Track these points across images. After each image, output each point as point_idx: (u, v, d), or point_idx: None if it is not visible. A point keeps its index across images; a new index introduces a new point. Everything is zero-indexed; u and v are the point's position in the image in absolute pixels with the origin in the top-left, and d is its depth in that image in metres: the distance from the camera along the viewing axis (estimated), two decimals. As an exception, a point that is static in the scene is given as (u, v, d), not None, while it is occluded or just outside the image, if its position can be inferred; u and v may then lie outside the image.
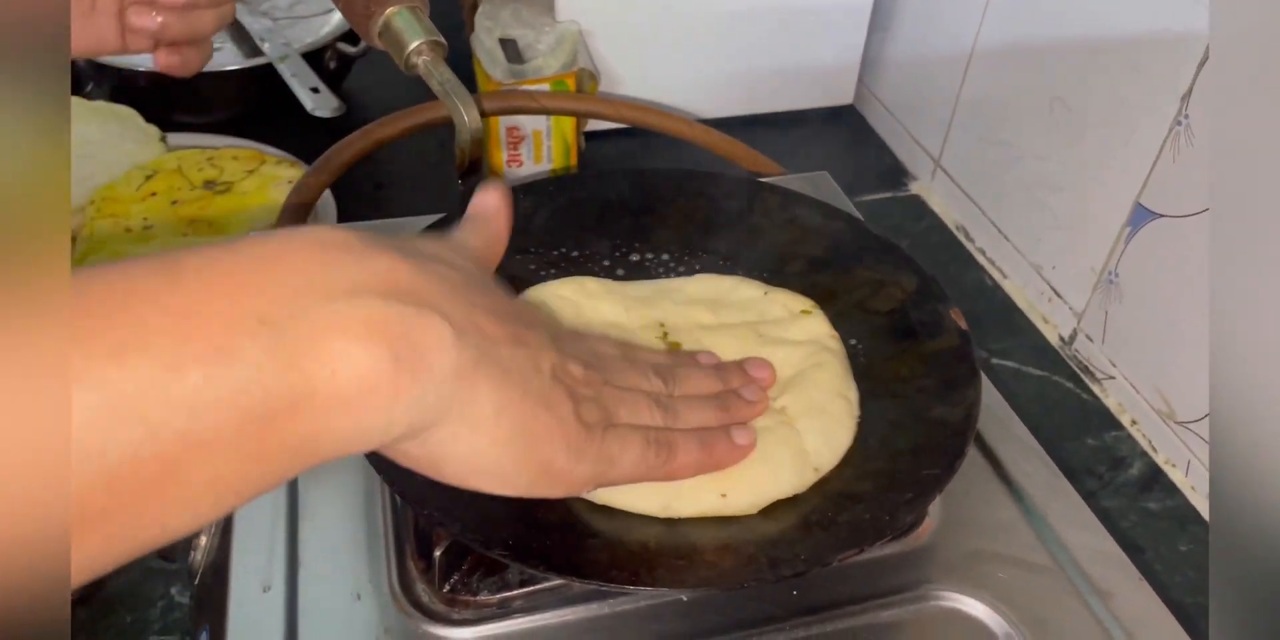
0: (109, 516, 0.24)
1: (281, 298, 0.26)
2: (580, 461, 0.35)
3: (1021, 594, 0.45)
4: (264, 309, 0.26)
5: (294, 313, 0.26)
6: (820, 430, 0.47)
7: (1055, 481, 0.50)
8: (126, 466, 0.23)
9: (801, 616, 0.44)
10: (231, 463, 0.26)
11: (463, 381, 0.30)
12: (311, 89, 0.80)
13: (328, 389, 0.26)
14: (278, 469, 0.27)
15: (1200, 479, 0.66)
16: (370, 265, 0.29)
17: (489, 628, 0.42)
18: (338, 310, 0.27)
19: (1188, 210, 0.63)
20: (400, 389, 0.28)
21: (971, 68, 0.83)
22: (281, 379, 0.26)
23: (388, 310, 0.28)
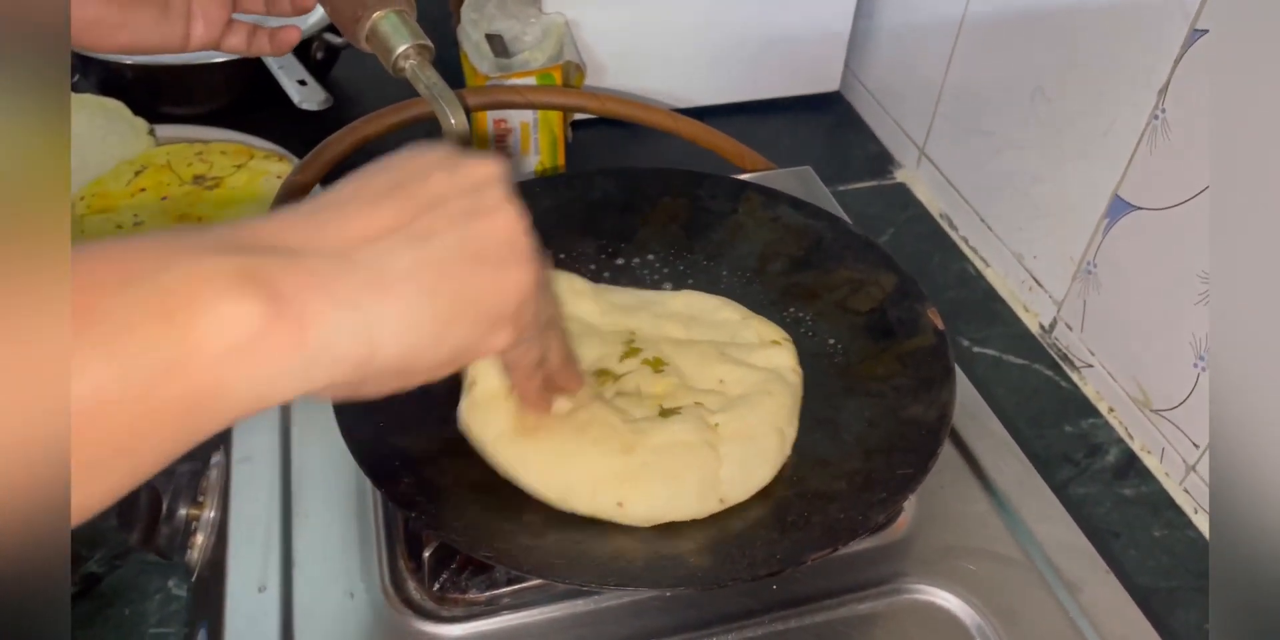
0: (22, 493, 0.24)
1: (148, 260, 0.27)
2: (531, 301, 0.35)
3: (992, 586, 0.47)
4: (128, 272, 0.26)
5: (159, 271, 0.26)
6: (742, 461, 0.46)
7: (1027, 476, 0.52)
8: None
9: (780, 610, 0.45)
10: (127, 424, 0.26)
11: (373, 292, 0.30)
12: (299, 81, 0.80)
13: (214, 340, 0.26)
14: (180, 431, 0.27)
15: (1174, 465, 0.67)
16: (241, 229, 0.29)
17: (478, 624, 0.44)
18: (205, 263, 0.27)
19: (1164, 203, 0.64)
20: (298, 330, 0.28)
21: (955, 56, 0.84)
22: (155, 334, 0.25)
23: (256, 260, 0.28)
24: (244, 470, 0.49)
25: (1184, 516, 0.66)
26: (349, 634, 0.43)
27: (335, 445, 0.44)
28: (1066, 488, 0.68)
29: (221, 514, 0.48)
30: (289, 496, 0.48)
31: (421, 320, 0.31)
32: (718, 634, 0.44)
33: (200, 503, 0.48)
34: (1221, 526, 0.31)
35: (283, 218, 0.31)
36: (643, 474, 0.44)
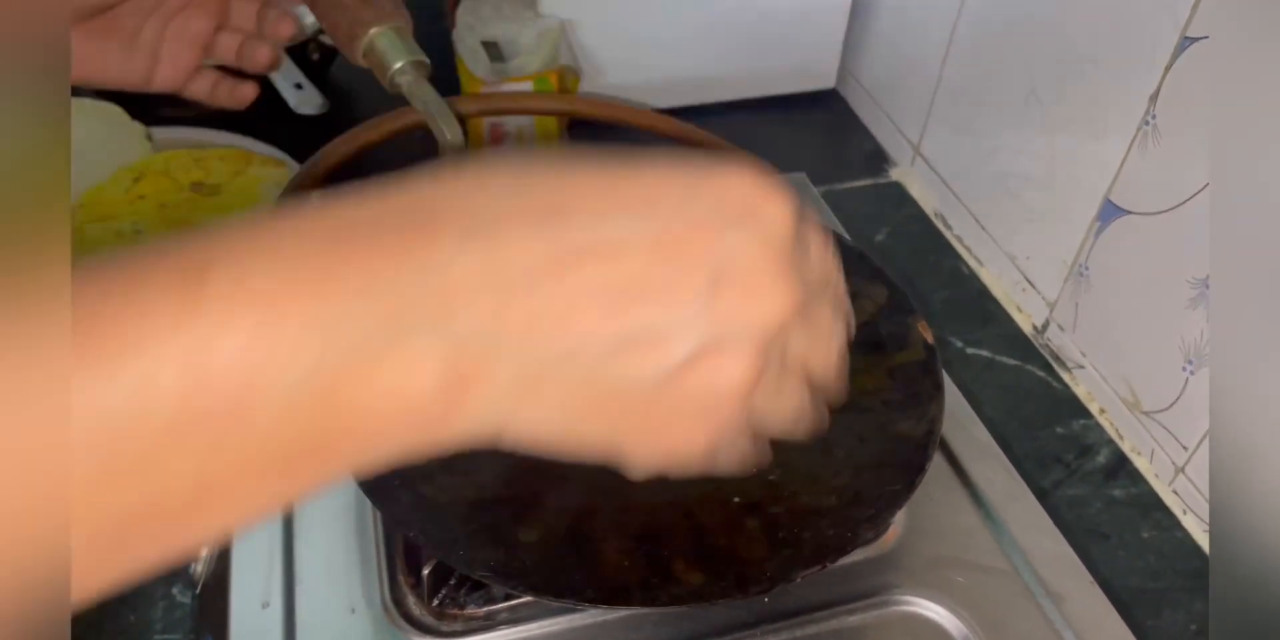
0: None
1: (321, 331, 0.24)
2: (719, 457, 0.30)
3: (980, 597, 0.48)
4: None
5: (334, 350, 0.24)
6: None
7: (1014, 486, 0.53)
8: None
9: (771, 622, 0.47)
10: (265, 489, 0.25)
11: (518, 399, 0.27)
12: (295, 85, 0.80)
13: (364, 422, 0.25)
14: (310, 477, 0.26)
15: (1163, 467, 0.68)
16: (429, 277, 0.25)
17: (477, 639, 0.45)
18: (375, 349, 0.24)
19: (1155, 208, 0.65)
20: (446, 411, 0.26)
21: (950, 55, 0.84)
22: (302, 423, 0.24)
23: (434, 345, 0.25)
24: (246, 486, 0.50)
25: (1173, 518, 0.67)
26: (351, 650, 0.44)
27: (335, 462, 0.45)
28: (1058, 489, 0.69)
29: (225, 529, 0.49)
30: (290, 513, 0.49)
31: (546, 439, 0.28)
32: (711, 646, 0.46)
33: (204, 517, 0.49)
34: (1221, 529, 0.31)
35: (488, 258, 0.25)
36: None
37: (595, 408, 0.27)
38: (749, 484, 0.48)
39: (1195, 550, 0.65)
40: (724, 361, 0.27)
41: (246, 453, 0.24)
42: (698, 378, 0.27)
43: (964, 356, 0.78)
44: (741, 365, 0.27)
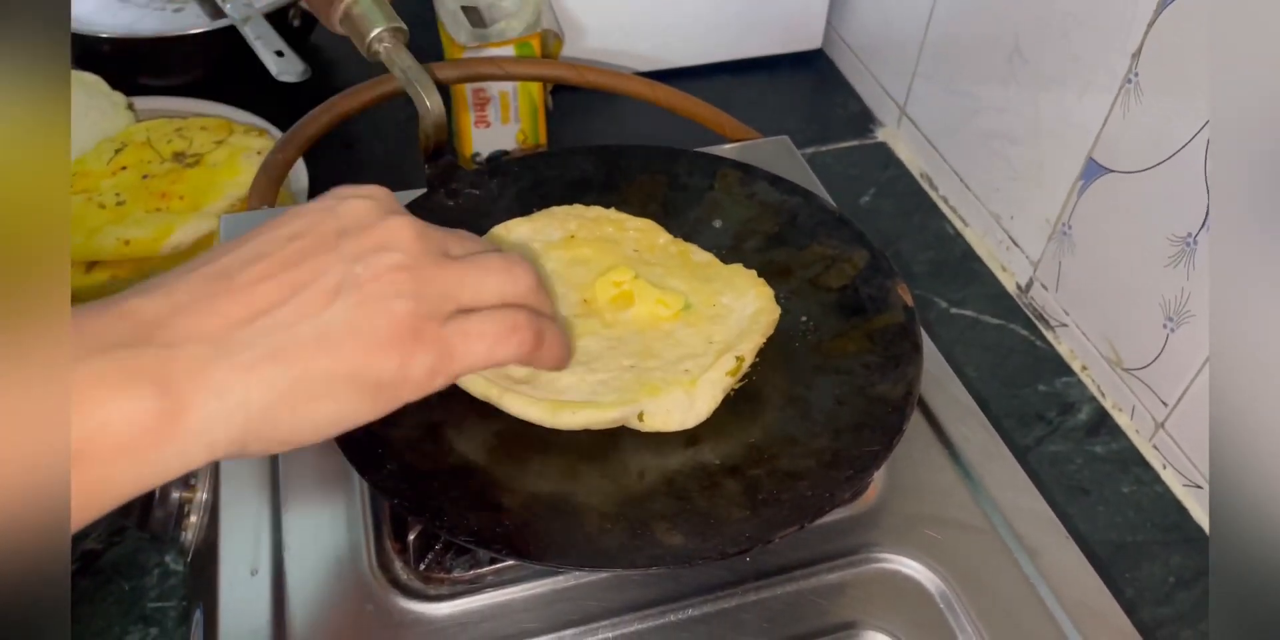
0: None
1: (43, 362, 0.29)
2: (410, 364, 0.35)
3: (957, 554, 0.49)
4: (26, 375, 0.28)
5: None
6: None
7: (992, 445, 0.53)
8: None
9: (754, 581, 0.47)
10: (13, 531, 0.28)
11: (239, 377, 0.32)
12: (276, 52, 0.79)
13: (101, 440, 0.29)
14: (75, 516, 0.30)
15: (1144, 423, 0.69)
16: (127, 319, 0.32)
17: (463, 602, 0.46)
18: (90, 369, 0.29)
19: (1136, 166, 0.65)
20: (175, 420, 0.30)
21: (935, 13, 0.83)
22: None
23: (138, 357, 0.30)
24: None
25: (1152, 472, 0.68)
26: (339, 614, 0.45)
27: (321, 430, 0.46)
28: (1040, 445, 0.70)
29: (213, 497, 0.49)
30: (277, 480, 0.49)
31: (288, 402, 0.33)
32: (694, 605, 0.46)
33: (193, 486, 0.50)
34: (1222, 527, 0.31)
35: (164, 297, 0.33)
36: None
37: (306, 357, 0.33)
38: (729, 447, 0.49)
39: (1174, 504, 0.67)
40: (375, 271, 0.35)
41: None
42: (364, 293, 0.34)
43: (948, 316, 0.78)
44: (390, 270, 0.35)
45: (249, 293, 0.33)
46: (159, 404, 0.30)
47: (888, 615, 0.47)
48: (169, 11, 0.89)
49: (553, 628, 0.45)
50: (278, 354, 0.32)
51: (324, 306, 0.34)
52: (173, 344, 0.31)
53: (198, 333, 0.32)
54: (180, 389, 0.31)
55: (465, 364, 0.37)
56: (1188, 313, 0.62)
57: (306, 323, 0.33)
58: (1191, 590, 0.62)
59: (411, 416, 0.46)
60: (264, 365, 0.32)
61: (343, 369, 0.33)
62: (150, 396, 0.30)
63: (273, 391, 0.32)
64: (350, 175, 0.86)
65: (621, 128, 0.91)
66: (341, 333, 0.34)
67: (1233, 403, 0.32)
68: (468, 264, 0.38)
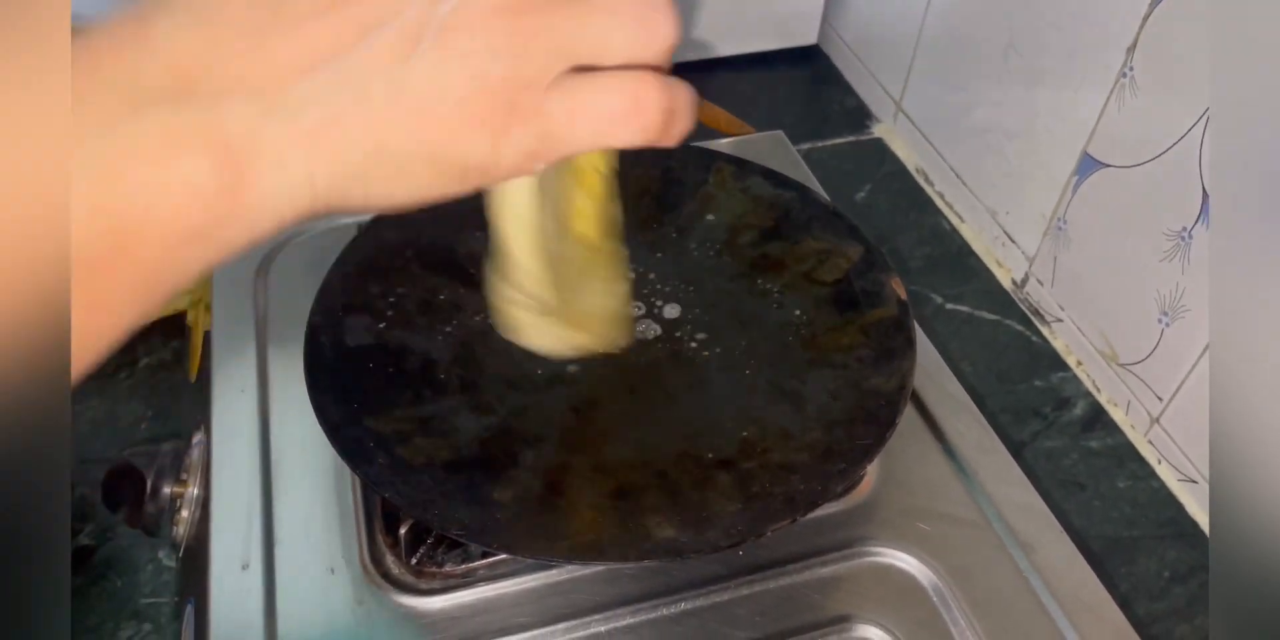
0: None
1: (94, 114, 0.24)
2: (503, 145, 0.28)
3: (950, 548, 0.49)
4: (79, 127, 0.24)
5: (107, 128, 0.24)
6: None
7: (986, 439, 0.53)
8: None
9: (747, 575, 0.47)
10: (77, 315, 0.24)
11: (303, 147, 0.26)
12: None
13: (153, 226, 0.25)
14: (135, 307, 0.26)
15: (1139, 418, 0.69)
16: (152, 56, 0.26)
17: (455, 596, 0.46)
18: (128, 135, 0.24)
19: (1131, 161, 0.65)
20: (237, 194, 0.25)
21: (931, 7, 0.83)
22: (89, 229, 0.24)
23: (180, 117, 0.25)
24: (225, 449, 0.51)
25: (1148, 467, 0.68)
26: (331, 608, 0.44)
27: (313, 425, 0.45)
28: (1035, 440, 0.70)
29: (204, 492, 0.49)
30: (269, 475, 0.49)
31: (361, 177, 0.27)
32: (687, 599, 0.46)
33: (184, 481, 0.50)
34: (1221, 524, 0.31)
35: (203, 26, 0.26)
36: None
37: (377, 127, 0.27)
38: (722, 440, 0.49)
39: (1170, 499, 0.66)
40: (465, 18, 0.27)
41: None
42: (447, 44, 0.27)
43: (944, 312, 0.78)
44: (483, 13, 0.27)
45: (304, 29, 0.27)
46: (218, 180, 0.25)
47: (881, 609, 0.46)
48: (163, 7, 0.88)
49: (545, 621, 0.45)
50: (343, 119, 0.26)
51: (399, 57, 0.27)
52: (218, 98, 0.25)
53: (244, 83, 0.26)
54: (236, 158, 0.25)
55: (572, 146, 0.29)
56: (1183, 307, 0.62)
57: (377, 78, 0.26)
58: (1187, 585, 0.62)
59: (403, 410, 0.46)
60: (328, 133, 0.26)
61: (423, 146, 0.27)
62: (205, 172, 0.25)
63: (341, 167, 0.27)
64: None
65: (616, 123, 0.91)
66: (421, 97, 0.27)
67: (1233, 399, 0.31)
68: (591, 5, 0.28)
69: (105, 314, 0.25)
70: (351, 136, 0.26)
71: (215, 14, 0.26)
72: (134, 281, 0.25)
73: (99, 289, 0.24)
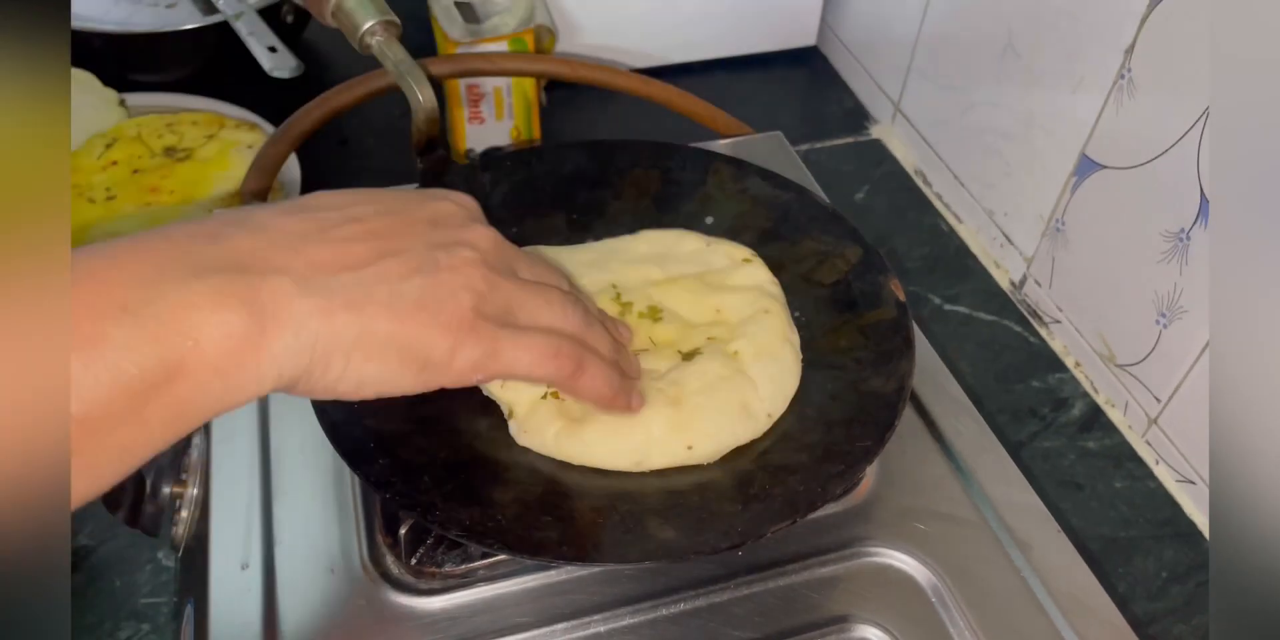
0: (22, 484, 0.27)
1: (138, 286, 0.31)
2: (459, 352, 0.38)
3: (948, 547, 0.49)
4: (122, 298, 0.30)
5: (151, 297, 0.31)
6: (772, 377, 0.50)
7: (984, 439, 0.53)
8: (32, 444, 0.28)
9: (746, 575, 0.47)
10: (123, 434, 0.30)
11: (318, 318, 0.34)
12: (269, 48, 0.79)
13: (197, 357, 0.31)
14: (165, 433, 0.31)
15: (1136, 419, 0.69)
16: (222, 245, 0.34)
17: (455, 596, 0.46)
18: (190, 289, 0.31)
19: (1129, 162, 0.65)
20: (258, 344, 0.32)
21: (929, 10, 0.83)
22: (150, 356, 0.30)
23: (232, 281, 0.32)
24: (224, 449, 0.51)
25: (1145, 468, 0.68)
26: (330, 608, 0.44)
27: (312, 425, 0.45)
28: (1033, 441, 0.70)
29: (204, 492, 0.49)
30: (269, 475, 0.49)
31: (350, 352, 0.35)
32: (686, 599, 0.46)
33: (183, 481, 0.50)
34: (1221, 525, 0.31)
35: (263, 233, 0.35)
36: (697, 417, 0.47)
37: (376, 315, 0.35)
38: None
39: (1167, 500, 0.67)
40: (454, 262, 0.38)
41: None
42: (440, 276, 0.37)
43: (942, 312, 0.78)
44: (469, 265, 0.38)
45: (340, 245, 0.36)
46: (247, 327, 0.32)
47: (880, 609, 0.47)
48: (162, 7, 0.89)
49: (544, 622, 0.45)
50: (353, 306, 0.35)
51: (403, 277, 0.36)
52: (264, 272, 0.33)
53: (288, 267, 0.34)
54: (266, 316, 0.33)
55: (507, 368, 0.40)
56: (1180, 308, 0.62)
57: (384, 286, 0.36)
58: (1184, 585, 0.62)
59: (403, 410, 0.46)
60: (340, 313, 0.34)
61: (402, 337, 0.36)
62: (240, 319, 0.32)
63: (339, 340, 0.35)
64: (343, 170, 0.87)
65: (615, 124, 0.91)
66: (411, 304, 0.36)
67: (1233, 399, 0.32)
68: (531, 288, 0.41)
69: (146, 433, 0.31)
70: (354, 318, 0.35)
71: (274, 228, 0.36)
72: (173, 407, 0.31)
73: (149, 411, 0.30)
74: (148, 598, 0.57)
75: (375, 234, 0.37)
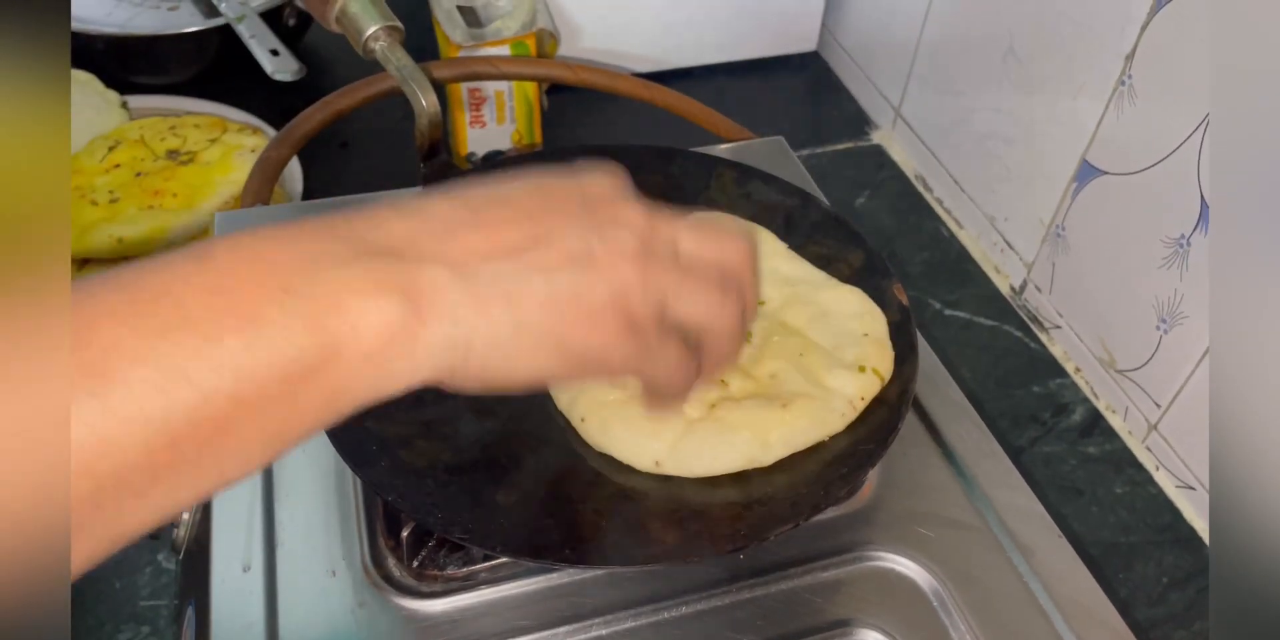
0: (175, 469, 0.28)
1: (299, 269, 0.30)
2: (614, 350, 0.36)
3: (950, 552, 0.49)
4: (285, 280, 0.30)
5: (312, 280, 0.30)
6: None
7: (986, 444, 0.53)
8: (186, 426, 0.27)
9: (748, 578, 0.47)
10: (277, 416, 0.29)
11: (473, 310, 0.33)
12: (271, 51, 0.80)
13: (353, 343, 0.30)
14: (318, 417, 0.31)
15: (1137, 424, 0.69)
16: (375, 230, 0.33)
17: (456, 599, 0.46)
18: (349, 274, 0.31)
19: (1130, 168, 0.65)
20: (414, 334, 0.31)
21: (930, 16, 0.84)
22: (309, 339, 0.29)
23: (389, 268, 0.32)
24: (227, 452, 0.51)
25: (1145, 473, 0.68)
26: (332, 611, 0.44)
27: (314, 427, 0.45)
28: (1034, 446, 0.70)
29: (206, 494, 0.49)
30: (270, 477, 0.49)
31: (505, 346, 0.34)
32: (689, 603, 0.46)
33: (186, 483, 0.50)
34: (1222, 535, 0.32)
35: (417, 218, 0.34)
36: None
37: (532, 309, 0.34)
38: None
39: (1167, 505, 0.67)
40: (610, 251, 0.35)
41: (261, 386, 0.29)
42: (596, 269, 0.35)
43: (942, 318, 0.78)
44: (623, 256, 0.35)
45: (493, 230, 0.34)
46: (404, 315, 0.31)
47: (881, 613, 0.47)
48: (164, 10, 0.89)
49: (546, 625, 0.45)
50: (510, 297, 0.33)
51: (559, 266, 0.34)
52: (420, 260, 0.32)
53: (442, 255, 0.33)
54: (422, 305, 0.32)
55: (653, 372, 0.38)
56: (1181, 314, 0.63)
57: (540, 276, 0.34)
58: (1184, 591, 0.62)
59: (405, 413, 0.46)
60: (496, 304, 0.33)
61: (556, 333, 0.35)
62: (397, 307, 0.31)
63: (496, 333, 0.33)
64: (345, 174, 0.87)
65: (616, 128, 0.91)
66: (568, 297, 0.34)
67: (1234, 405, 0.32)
68: (690, 278, 0.38)
69: (302, 419, 0.30)
70: (509, 311, 0.33)
71: (427, 212, 0.34)
72: (327, 392, 0.30)
73: (306, 396, 0.30)
74: (148, 600, 0.57)
75: (529, 214, 0.35)
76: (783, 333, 0.52)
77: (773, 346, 0.51)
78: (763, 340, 0.51)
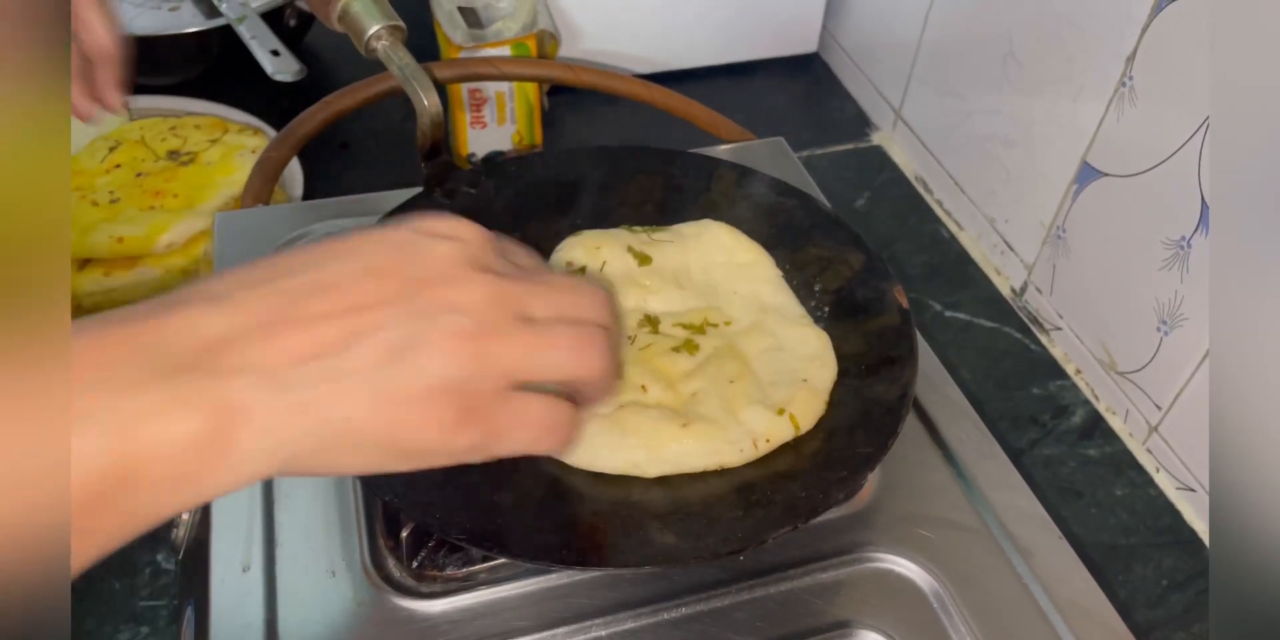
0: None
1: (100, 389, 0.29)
2: (454, 440, 0.34)
3: (950, 553, 0.49)
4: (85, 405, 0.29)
5: (111, 408, 0.29)
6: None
7: (986, 445, 0.53)
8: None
9: (748, 580, 0.47)
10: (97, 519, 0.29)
11: (287, 419, 0.31)
12: (272, 52, 0.79)
13: (152, 464, 0.29)
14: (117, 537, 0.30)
15: (1137, 426, 0.69)
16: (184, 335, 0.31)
17: (456, 599, 0.45)
18: (148, 399, 0.30)
19: (1130, 170, 0.65)
20: (223, 449, 0.30)
21: (931, 17, 0.84)
22: (106, 460, 0.28)
23: (194, 385, 0.30)
24: (227, 452, 0.51)
25: (1145, 475, 0.68)
26: (331, 611, 0.44)
27: (314, 428, 0.45)
28: (1034, 448, 0.70)
29: (206, 495, 0.49)
30: (270, 480, 0.49)
31: (328, 449, 0.33)
32: (688, 604, 0.46)
33: (185, 484, 0.50)
34: (1222, 537, 0.32)
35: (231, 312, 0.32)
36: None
37: (354, 410, 0.32)
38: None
39: (1167, 507, 0.67)
40: (443, 335, 0.33)
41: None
42: (423, 358, 0.33)
43: (942, 319, 0.78)
44: (455, 338, 0.33)
45: (312, 328, 0.32)
46: (211, 432, 0.30)
47: (881, 615, 0.47)
48: (164, 10, 0.89)
49: (545, 626, 0.45)
50: (326, 402, 0.32)
51: (380, 363, 0.33)
52: (229, 373, 0.31)
53: (253, 365, 0.31)
54: (232, 420, 0.30)
55: (508, 449, 0.36)
56: (1181, 316, 0.63)
57: (360, 377, 0.32)
58: (1184, 593, 0.62)
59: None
60: (311, 411, 0.32)
61: (384, 432, 0.33)
62: (203, 424, 0.30)
63: (313, 440, 0.32)
64: (345, 174, 0.87)
65: (617, 129, 0.91)
66: (393, 396, 0.33)
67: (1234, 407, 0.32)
68: (539, 338, 0.36)
69: (95, 539, 0.29)
70: (329, 416, 0.32)
71: (242, 302, 0.32)
72: (125, 513, 0.30)
73: (98, 518, 0.29)
74: (147, 600, 0.57)
75: (351, 307, 0.33)
76: (728, 356, 0.52)
77: (711, 366, 0.51)
78: (706, 358, 0.51)
